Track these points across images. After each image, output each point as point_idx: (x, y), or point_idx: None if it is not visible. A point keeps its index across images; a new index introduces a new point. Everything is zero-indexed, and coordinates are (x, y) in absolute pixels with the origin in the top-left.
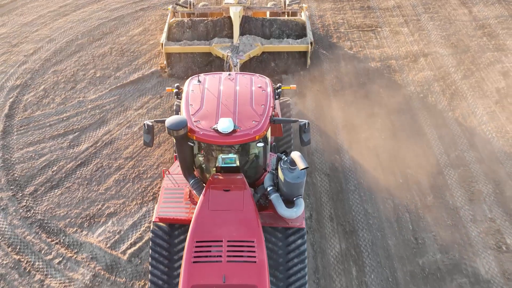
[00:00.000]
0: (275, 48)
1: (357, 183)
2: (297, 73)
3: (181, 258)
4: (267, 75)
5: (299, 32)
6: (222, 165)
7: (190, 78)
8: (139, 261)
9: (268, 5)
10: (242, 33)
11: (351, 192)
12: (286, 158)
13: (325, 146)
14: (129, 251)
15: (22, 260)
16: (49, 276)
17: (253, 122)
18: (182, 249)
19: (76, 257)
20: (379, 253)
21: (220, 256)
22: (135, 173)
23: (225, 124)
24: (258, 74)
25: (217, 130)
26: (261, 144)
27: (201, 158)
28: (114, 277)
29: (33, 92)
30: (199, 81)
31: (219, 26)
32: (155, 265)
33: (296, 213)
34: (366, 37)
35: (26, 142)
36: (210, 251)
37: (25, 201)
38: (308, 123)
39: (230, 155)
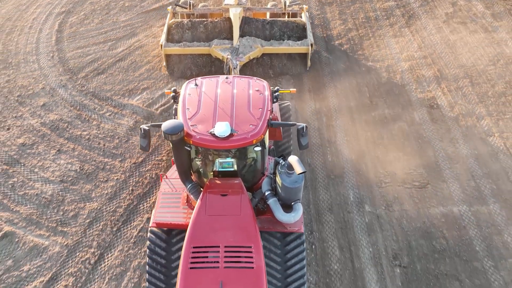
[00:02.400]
0: (275, 49)
1: (330, 70)
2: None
3: (178, 264)
4: (266, 77)
5: (300, 33)
6: (219, 169)
7: (187, 81)
8: (168, 114)
9: (268, 6)
10: (242, 35)
11: (325, 76)
12: (283, 163)
13: None
14: (160, 109)
15: (82, 114)
16: (103, 122)
17: (250, 126)
18: (180, 255)
19: (121, 112)
20: (343, 109)
21: (217, 262)
22: (162, 64)
23: (222, 128)
24: (256, 77)
25: (213, 134)
26: (258, 148)
27: (198, 162)
28: (150, 122)
29: (76, 16)
30: (196, 84)
31: (219, 28)
32: (152, 272)
33: (294, 218)
34: None
35: (75, 47)
36: (207, 257)
37: (79, 81)
38: (306, 126)
39: (228, 159)
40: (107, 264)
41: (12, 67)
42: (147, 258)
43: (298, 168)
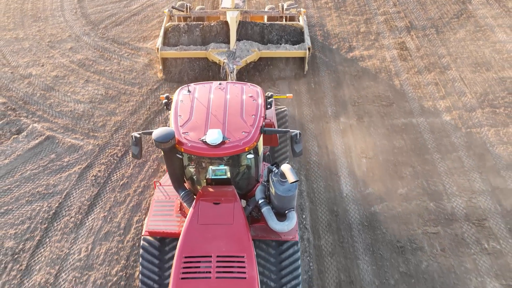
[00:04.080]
0: (272, 53)
1: (316, 22)
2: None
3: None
4: (264, 80)
5: (297, 37)
6: (212, 177)
7: (180, 88)
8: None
9: (266, 9)
10: (239, 38)
11: (311, 26)
12: (276, 171)
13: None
14: None
15: (104, 54)
16: (122, 60)
17: (243, 133)
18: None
19: (137, 53)
20: (325, 50)
21: (209, 272)
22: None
23: (213, 136)
24: (249, 83)
25: (205, 142)
26: (251, 156)
27: (191, 170)
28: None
29: None
30: (188, 91)
31: (216, 31)
32: (145, 281)
33: (288, 227)
34: None
35: (95, 5)
36: (199, 267)
37: (100, 30)
38: (300, 133)
39: (221, 167)
40: (131, 157)
41: (42, 20)
42: (140, 267)
43: (290, 177)
